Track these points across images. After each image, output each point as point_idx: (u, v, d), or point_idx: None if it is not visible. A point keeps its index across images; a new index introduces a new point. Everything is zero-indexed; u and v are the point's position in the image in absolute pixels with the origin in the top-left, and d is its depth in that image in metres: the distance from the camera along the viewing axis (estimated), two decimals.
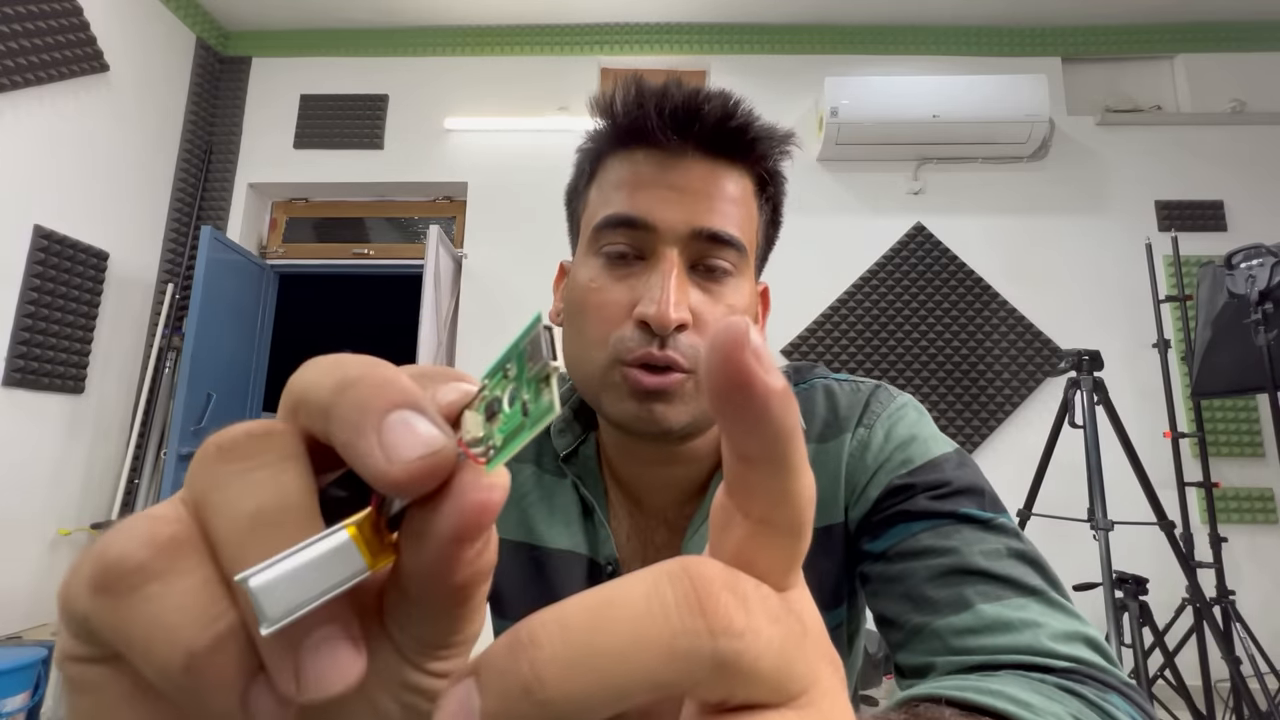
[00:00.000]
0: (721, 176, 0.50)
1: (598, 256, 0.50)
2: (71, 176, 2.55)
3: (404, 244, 3.33)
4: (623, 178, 0.50)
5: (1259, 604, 2.48)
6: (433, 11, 3.18)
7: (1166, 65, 3.18)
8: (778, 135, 0.52)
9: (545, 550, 0.57)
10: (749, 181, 0.52)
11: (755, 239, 0.53)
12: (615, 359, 0.48)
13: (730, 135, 0.49)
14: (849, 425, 0.55)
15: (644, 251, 0.49)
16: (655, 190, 0.49)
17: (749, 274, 0.52)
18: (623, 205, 0.49)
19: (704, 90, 0.49)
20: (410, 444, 0.13)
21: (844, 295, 2.94)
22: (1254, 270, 1.91)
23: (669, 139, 0.48)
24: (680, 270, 0.48)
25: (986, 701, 0.30)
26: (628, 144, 0.51)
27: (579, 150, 0.56)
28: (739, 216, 0.50)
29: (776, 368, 0.13)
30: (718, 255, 0.49)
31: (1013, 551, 0.45)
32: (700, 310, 0.48)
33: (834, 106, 2.82)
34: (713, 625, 0.11)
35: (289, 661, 0.12)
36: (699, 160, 0.49)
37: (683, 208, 0.48)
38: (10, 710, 2.01)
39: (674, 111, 0.48)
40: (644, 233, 0.48)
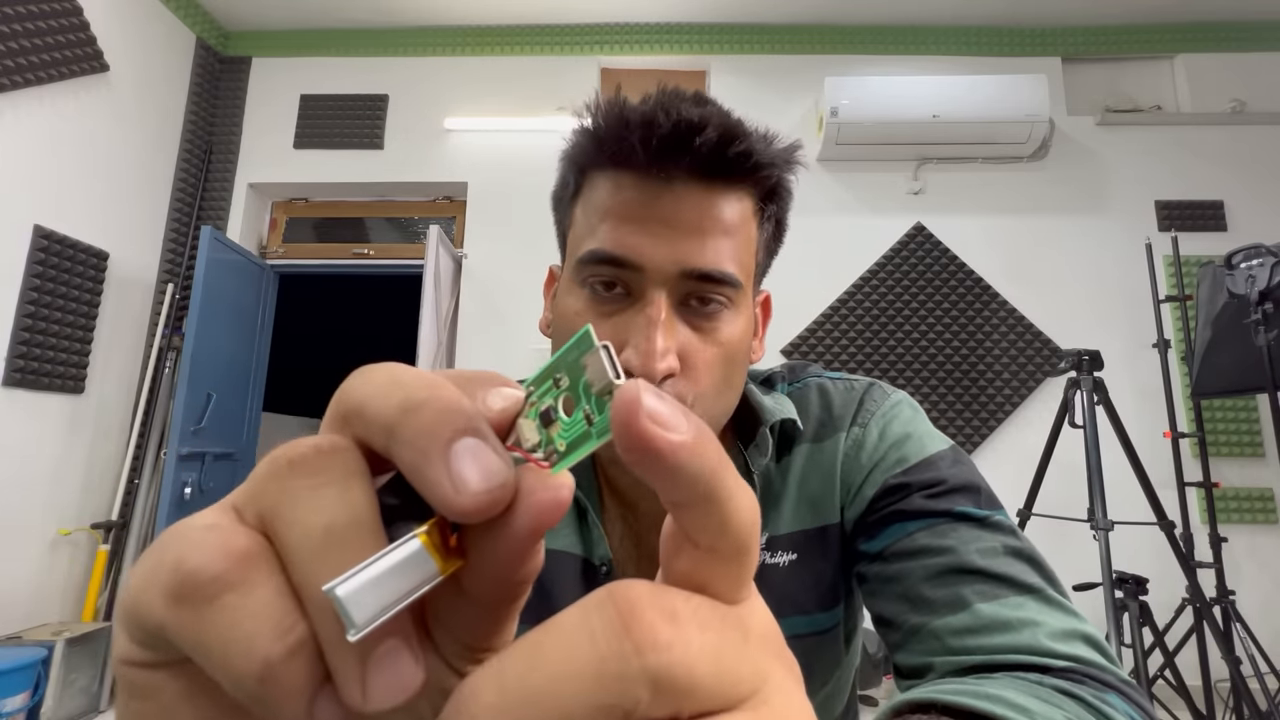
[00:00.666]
0: (717, 203, 0.46)
1: (584, 287, 0.48)
2: (71, 176, 2.55)
3: (404, 244, 3.33)
4: (608, 206, 0.47)
5: (1259, 604, 2.48)
6: (433, 11, 3.18)
7: (1166, 65, 3.18)
8: (782, 154, 0.48)
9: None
10: (749, 201, 0.48)
11: (754, 261, 0.50)
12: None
13: (728, 163, 0.45)
14: (843, 424, 0.54)
15: (631, 288, 0.46)
16: (643, 224, 0.45)
17: (746, 300, 0.50)
18: (607, 240, 0.46)
19: (697, 115, 0.44)
20: (477, 476, 0.13)
21: (844, 295, 2.94)
22: (1254, 270, 1.91)
23: (657, 169, 0.45)
24: (668, 314, 0.45)
25: (982, 706, 0.30)
26: (613, 165, 0.47)
27: (562, 156, 0.52)
28: (734, 247, 0.47)
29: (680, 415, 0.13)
30: (710, 292, 0.46)
31: (1009, 549, 0.44)
32: (690, 352, 0.46)
33: (834, 106, 2.83)
34: (638, 643, 0.11)
35: (357, 671, 0.13)
36: (690, 187, 0.45)
37: (672, 246, 0.45)
38: (10, 710, 2.01)
39: (661, 142, 0.44)
40: (630, 272, 0.45)
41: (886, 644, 0.46)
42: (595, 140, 0.47)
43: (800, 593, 0.53)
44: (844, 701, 0.60)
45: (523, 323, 2.89)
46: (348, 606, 0.12)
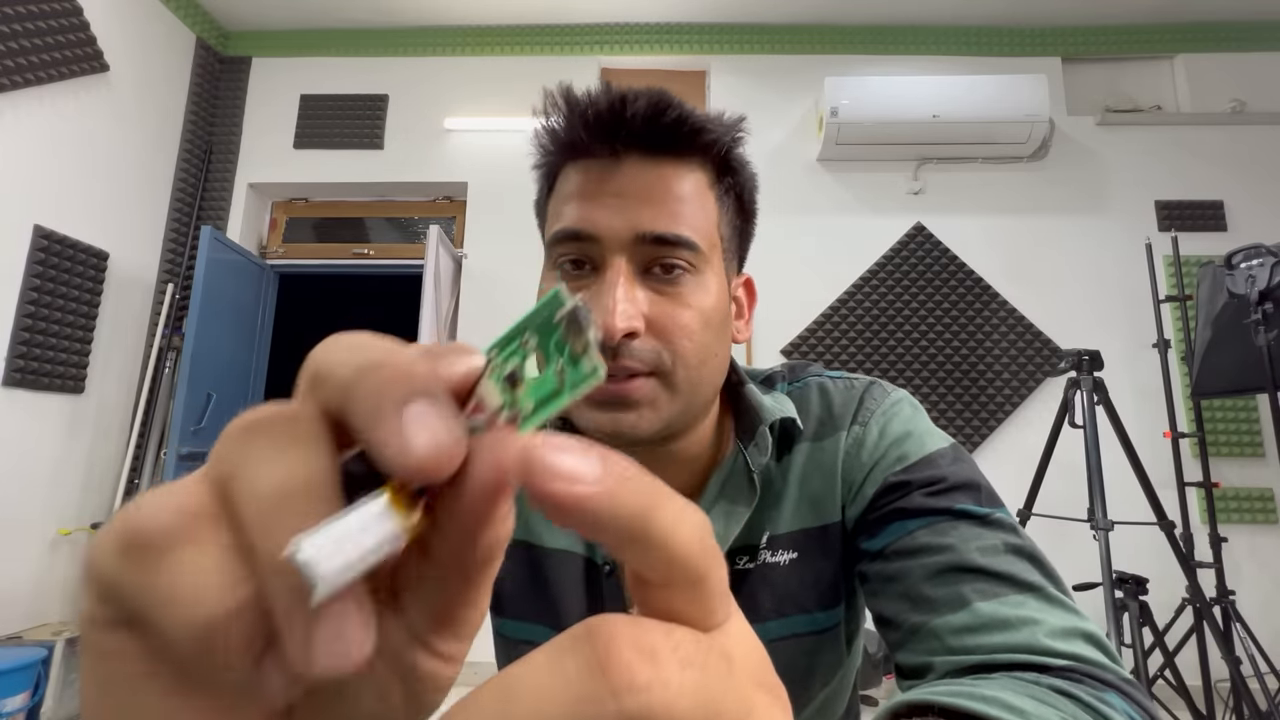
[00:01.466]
0: (666, 176, 0.49)
1: (555, 269, 0.51)
2: (71, 176, 2.55)
3: (404, 244, 3.33)
4: (569, 190, 0.50)
5: (1259, 604, 2.48)
6: (433, 11, 3.18)
7: (1166, 65, 3.18)
8: (722, 122, 0.51)
9: (543, 549, 0.57)
10: (702, 174, 0.51)
11: (717, 233, 0.52)
12: None
13: (665, 131, 0.48)
14: (844, 423, 0.54)
15: (595, 261, 0.49)
16: (598, 199, 0.48)
17: (713, 270, 0.51)
18: (568, 219, 0.49)
19: (630, 91, 0.48)
20: (425, 436, 0.13)
21: (844, 295, 2.94)
22: (1254, 270, 1.91)
23: (602, 147, 0.48)
24: (627, 277, 0.47)
25: (977, 708, 0.30)
26: (572, 156, 0.51)
27: (535, 167, 0.56)
28: (689, 214, 0.49)
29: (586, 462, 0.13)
30: (669, 256, 0.48)
31: (1010, 547, 0.44)
32: (656, 314, 0.47)
33: (834, 106, 2.83)
34: (615, 685, 0.11)
35: (303, 635, 0.13)
36: (640, 163, 0.48)
37: (624, 214, 0.47)
38: (10, 710, 2.01)
39: (599, 118, 0.48)
40: (589, 244, 0.48)
41: (887, 643, 0.46)
42: (549, 130, 0.51)
43: (801, 591, 0.53)
44: (845, 702, 0.60)
45: None
46: (308, 567, 0.12)
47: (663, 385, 0.47)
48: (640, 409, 0.47)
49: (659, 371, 0.47)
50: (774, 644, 0.53)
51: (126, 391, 2.82)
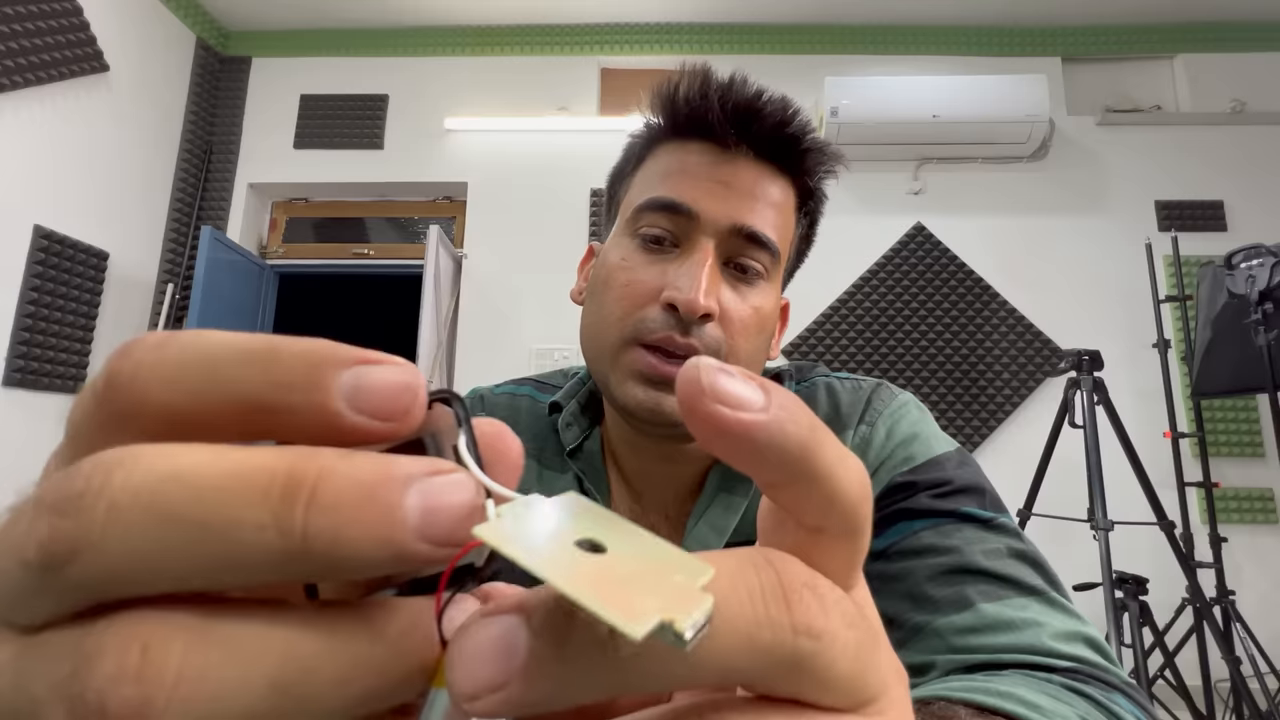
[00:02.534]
0: (768, 181, 0.51)
1: (633, 238, 0.51)
2: (71, 176, 2.55)
3: (404, 244, 3.33)
4: (671, 166, 0.51)
5: (1259, 604, 2.48)
6: (433, 11, 3.18)
7: (1166, 65, 3.18)
8: (828, 152, 0.53)
9: None
10: (792, 193, 0.53)
11: (788, 249, 0.54)
12: (633, 338, 0.48)
13: (784, 142, 0.50)
14: (851, 423, 0.55)
15: (681, 239, 0.50)
16: (702, 182, 0.49)
17: (778, 281, 0.53)
18: (669, 190, 0.49)
19: (767, 91, 0.49)
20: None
21: (844, 295, 2.94)
22: (1254, 270, 1.91)
23: (726, 134, 0.49)
24: (714, 262, 0.48)
25: (995, 704, 0.30)
26: (684, 135, 0.51)
27: (631, 135, 0.56)
28: (778, 222, 0.51)
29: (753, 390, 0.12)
30: (752, 255, 0.50)
31: (1013, 551, 0.45)
32: (728, 306, 0.48)
33: (834, 106, 2.82)
34: (795, 622, 0.11)
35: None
36: (749, 161, 0.50)
37: (727, 203, 0.49)
38: None
39: (736, 107, 0.48)
40: (685, 219, 0.49)
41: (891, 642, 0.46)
42: (674, 105, 0.51)
43: None
44: None
45: (523, 322, 2.89)
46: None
47: None
48: None
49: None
50: None
51: None
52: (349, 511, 0.10)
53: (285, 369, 0.11)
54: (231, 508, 0.10)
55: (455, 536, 0.11)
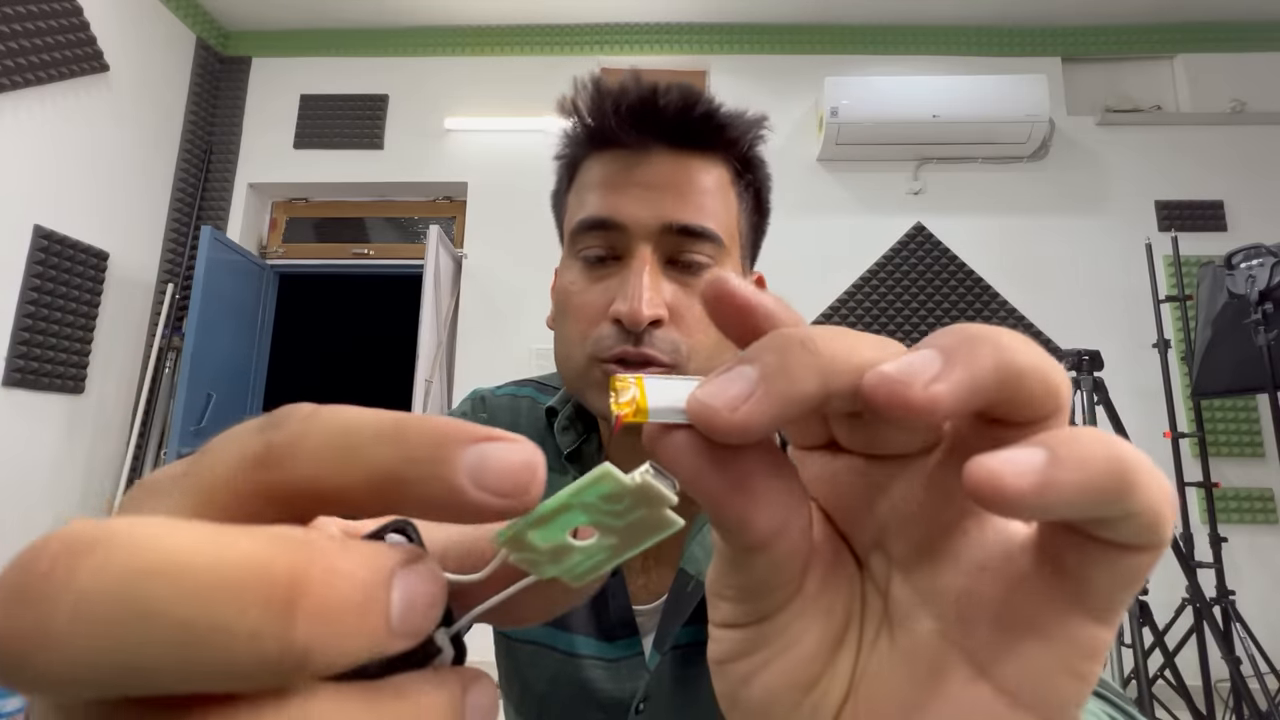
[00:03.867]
0: (692, 169, 0.49)
1: (577, 260, 0.51)
2: (71, 176, 2.55)
3: (404, 244, 3.33)
4: (594, 180, 0.51)
5: (1259, 604, 2.48)
6: (432, 11, 3.18)
7: (1166, 65, 3.18)
8: (746, 120, 0.51)
9: None
10: (724, 170, 0.52)
11: (736, 228, 0.53)
12: (594, 356, 0.48)
13: (694, 126, 0.49)
14: None
15: (619, 251, 0.49)
16: (624, 189, 0.49)
17: (732, 265, 0.52)
18: (594, 208, 0.49)
19: (663, 84, 0.48)
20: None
21: (844, 295, 2.94)
22: (1254, 270, 1.91)
23: (631, 137, 0.48)
24: (653, 266, 0.48)
25: None
26: (598, 146, 0.51)
27: (556, 158, 0.56)
28: (713, 207, 0.50)
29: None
30: (692, 249, 0.49)
31: None
32: (678, 305, 0.48)
33: (834, 106, 2.82)
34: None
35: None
36: (667, 155, 0.49)
37: (651, 204, 0.48)
38: (10, 710, 2.01)
39: (630, 109, 0.48)
40: (616, 233, 0.49)
41: None
42: (577, 118, 0.51)
43: None
44: None
45: (523, 322, 2.89)
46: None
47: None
48: None
49: (676, 364, 0.48)
50: None
51: (126, 391, 2.81)
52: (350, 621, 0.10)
53: (414, 445, 0.11)
54: (223, 614, 0.09)
55: (423, 628, 0.11)
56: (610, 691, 0.54)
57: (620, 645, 0.55)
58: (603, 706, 0.54)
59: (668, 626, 0.53)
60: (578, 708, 0.55)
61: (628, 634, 0.55)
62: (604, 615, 0.55)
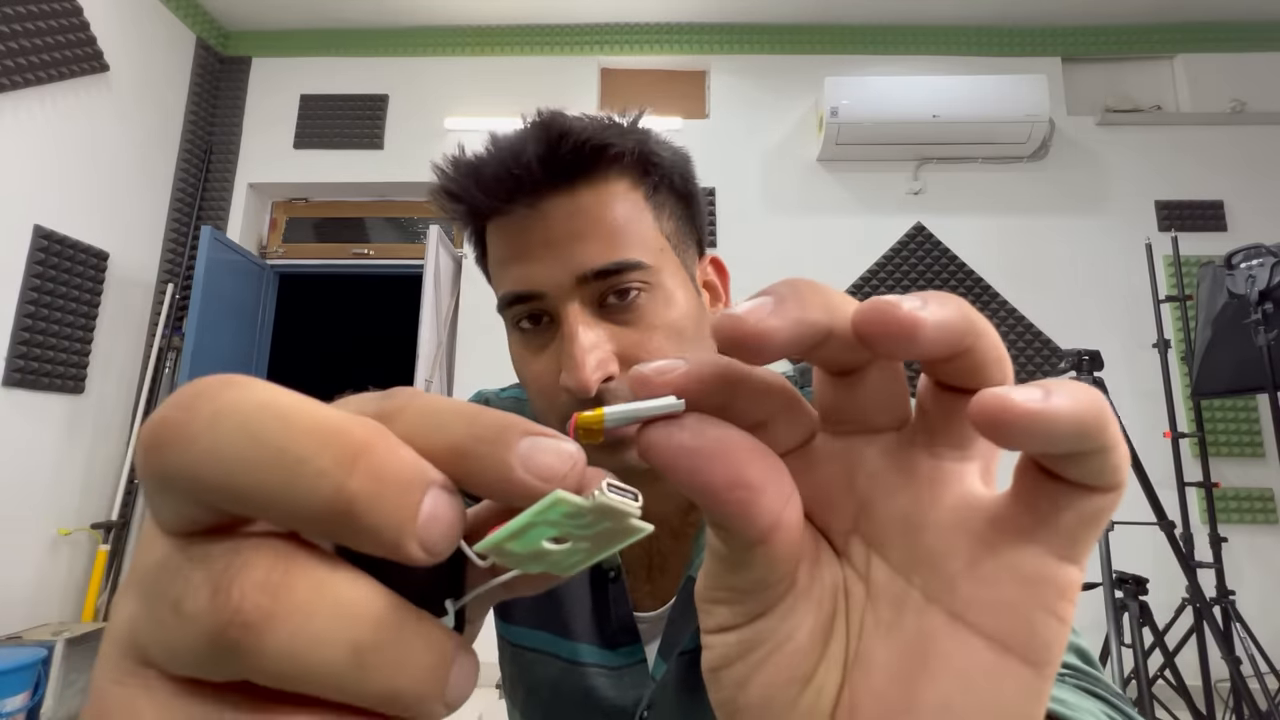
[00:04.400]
0: (586, 205, 0.47)
1: (515, 330, 0.51)
2: (71, 176, 2.55)
3: (404, 244, 3.33)
4: (500, 253, 0.49)
5: (1259, 604, 2.48)
6: (432, 11, 3.18)
7: (1166, 65, 3.18)
8: (622, 129, 0.48)
9: None
10: (623, 183, 0.48)
11: (660, 236, 0.50)
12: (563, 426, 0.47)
13: (566, 162, 0.46)
14: None
15: (549, 313, 0.48)
16: (528, 254, 0.47)
17: (670, 274, 0.49)
18: (510, 283, 0.48)
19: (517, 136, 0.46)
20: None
21: None
22: (1254, 270, 1.91)
23: (510, 206, 0.47)
24: (586, 321, 0.46)
25: None
26: (488, 217, 0.49)
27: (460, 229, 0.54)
28: (624, 233, 0.47)
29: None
30: (618, 284, 0.46)
31: None
32: (627, 349, 0.46)
33: (834, 106, 2.83)
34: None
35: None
36: (557, 199, 0.46)
37: (558, 260, 0.46)
38: (10, 710, 2.01)
39: (494, 183, 0.46)
40: (537, 301, 0.47)
41: None
42: (452, 201, 0.50)
43: None
44: None
45: None
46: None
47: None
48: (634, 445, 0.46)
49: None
50: None
51: (126, 391, 2.81)
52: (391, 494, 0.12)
53: (483, 427, 0.14)
54: (307, 448, 0.12)
55: (438, 544, 0.13)
56: (613, 699, 0.54)
57: (622, 653, 0.54)
58: (606, 714, 0.54)
59: (676, 633, 0.52)
60: (581, 715, 0.55)
61: (629, 641, 0.54)
62: (606, 622, 0.55)
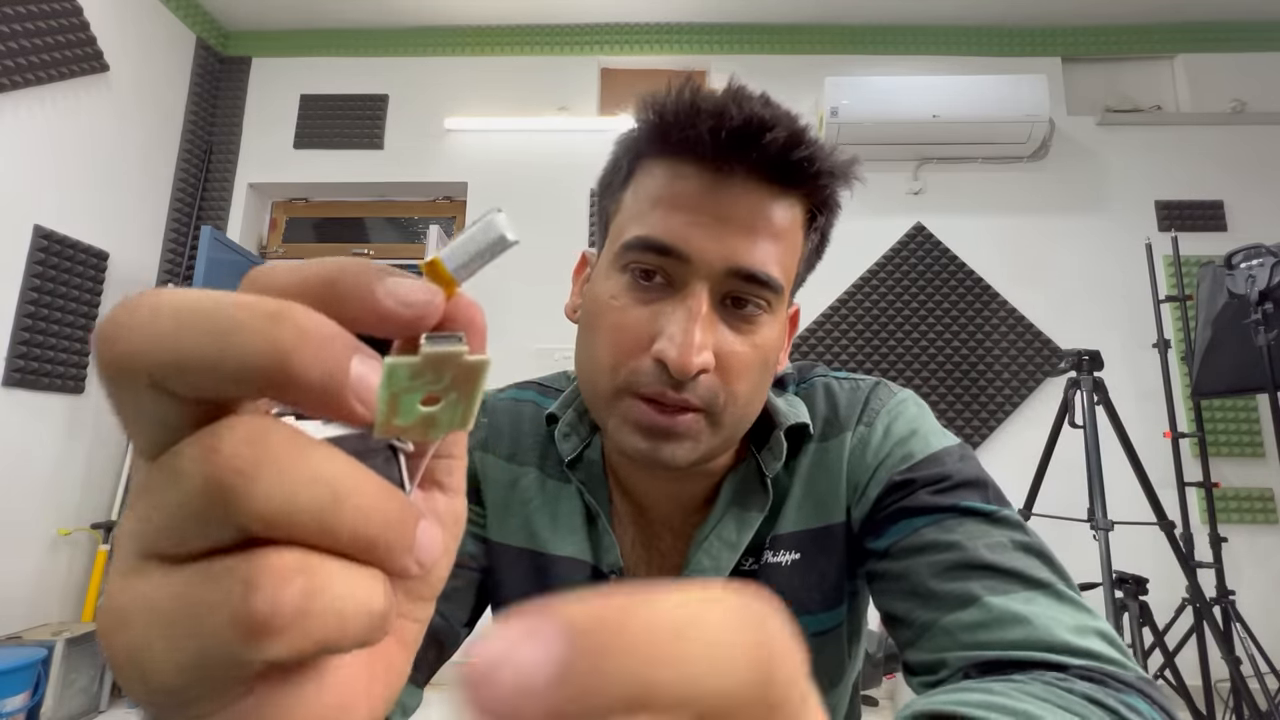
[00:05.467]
0: (770, 206, 0.45)
1: (624, 273, 0.47)
2: (71, 176, 2.55)
3: (404, 244, 3.33)
4: (661, 193, 0.46)
5: (1259, 604, 2.48)
6: (433, 11, 3.18)
7: (1166, 65, 3.18)
8: (841, 165, 0.48)
9: (549, 557, 0.56)
10: (800, 211, 0.48)
11: (794, 270, 0.50)
12: (627, 389, 0.46)
13: (790, 165, 0.44)
14: (849, 423, 0.54)
15: (673, 278, 0.46)
16: (696, 217, 0.44)
17: (781, 309, 0.49)
18: (657, 228, 0.45)
19: (768, 114, 0.44)
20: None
21: (844, 295, 2.94)
22: (1254, 270, 1.91)
23: (721, 158, 0.44)
24: (709, 310, 0.45)
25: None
26: (675, 153, 0.46)
27: (618, 141, 0.51)
28: (781, 253, 0.46)
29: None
30: (752, 294, 0.46)
31: (1018, 544, 0.44)
32: (725, 353, 0.45)
33: (834, 106, 2.82)
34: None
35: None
36: (749, 186, 0.45)
37: (722, 241, 0.44)
38: (10, 710, 2.01)
39: (731, 135, 0.43)
40: (676, 261, 0.45)
41: (897, 642, 0.46)
42: (661, 124, 0.46)
43: (804, 592, 0.53)
44: (846, 702, 0.60)
45: (523, 323, 2.89)
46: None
47: (709, 422, 0.46)
48: (683, 441, 0.45)
49: (710, 409, 0.45)
50: None
51: None
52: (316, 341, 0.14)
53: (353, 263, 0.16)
54: (236, 318, 0.13)
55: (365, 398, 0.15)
56: None
57: None
58: None
59: None
60: None
61: None
62: None
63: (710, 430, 0.46)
